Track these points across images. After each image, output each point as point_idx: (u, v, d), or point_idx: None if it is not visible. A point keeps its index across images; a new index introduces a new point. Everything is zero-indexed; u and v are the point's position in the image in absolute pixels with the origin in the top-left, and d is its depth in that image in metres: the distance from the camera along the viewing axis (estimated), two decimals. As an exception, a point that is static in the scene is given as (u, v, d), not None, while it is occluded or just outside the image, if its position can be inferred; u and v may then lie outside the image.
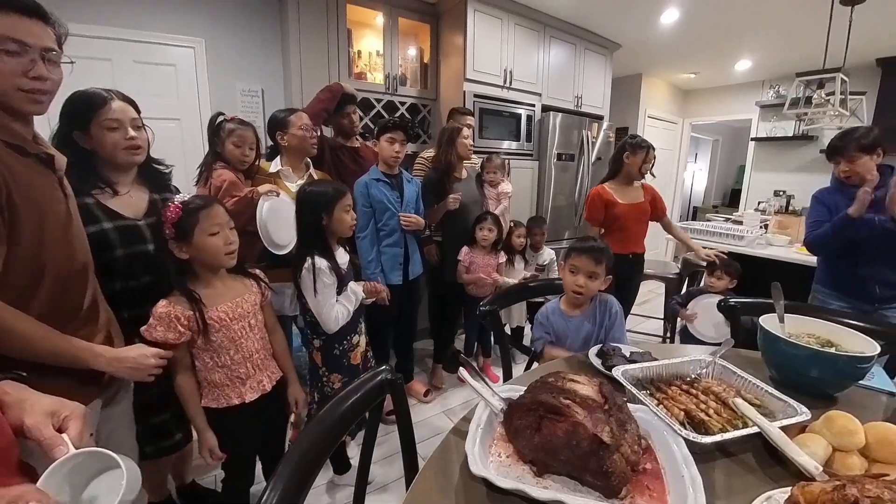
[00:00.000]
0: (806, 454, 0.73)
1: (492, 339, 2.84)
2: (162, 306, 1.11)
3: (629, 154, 2.43)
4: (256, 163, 1.91)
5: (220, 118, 1.80)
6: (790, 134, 4.86)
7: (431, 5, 3.27)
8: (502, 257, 2.52)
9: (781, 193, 5.03)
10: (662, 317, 3.27)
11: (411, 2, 3.18)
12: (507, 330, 2.99)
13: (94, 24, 2.45)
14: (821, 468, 0.69)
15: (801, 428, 0.84)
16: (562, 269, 1.49)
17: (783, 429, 0.82)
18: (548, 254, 2.74)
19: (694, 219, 7.84)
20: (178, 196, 1.17)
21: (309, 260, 1.46)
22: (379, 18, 3.15)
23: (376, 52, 3.26)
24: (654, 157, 2.48)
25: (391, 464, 1.92)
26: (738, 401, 0.86)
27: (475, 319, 2.60)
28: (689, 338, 2.32)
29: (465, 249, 2.47)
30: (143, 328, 1.10)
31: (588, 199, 2.54)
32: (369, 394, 0.86)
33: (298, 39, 2.80)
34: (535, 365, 1.52)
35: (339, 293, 1.55)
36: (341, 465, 1.85)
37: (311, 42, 2.84)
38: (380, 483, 1.83)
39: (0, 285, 0.80)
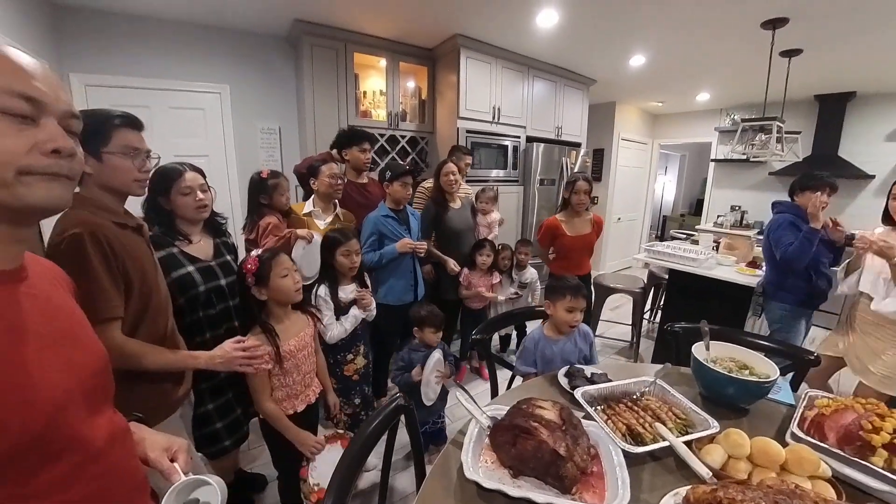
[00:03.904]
0: (707, 461, 0.94)
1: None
2: (251, 342, 1.27)
3: (565, 190, 2.64)
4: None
5: (259, 177, 2.05)
6: (744, 157, 5.11)
7: (429, 51, 3.45)
8: (496, 278, 2.73)
9: (737, 208, 5.28)
10: (630, 323, 3.48)
11: (411, 48, 3.36)
12: (496, 337, 3.20)
13: (136, 76, 2.62)
14: (710, 473, 0.89)
15: (711, 438, 1.04)
16: (553, 307, 1.63)
17: (699, 439, 1.03)
18: (531, 273, 2.92)
19: (663, 227, 8.07)
20: (253, 251, 1.37)
21: (315, 288, 1.75)
22: (382, 62, 3.32)
23: (380, 91, 3.44)
24: (585, 188, 2.56)
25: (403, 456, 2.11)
26: (657, 424, 1.06)
27: (469, 327, 2.80)
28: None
29: (465, 271, 2.69)
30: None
31: (542, 228, 2.73)
32: (387, 417, 1.06)
33: (312, 83, 2.97)
34: (518, 380, 1.72)
35: (342, 315, 1.77)
36: None
37: (323, 85, 3.01)
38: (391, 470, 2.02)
39: (124, 321, 1.05)
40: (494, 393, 1.74)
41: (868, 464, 0.92)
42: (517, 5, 2.59)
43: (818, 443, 1.00)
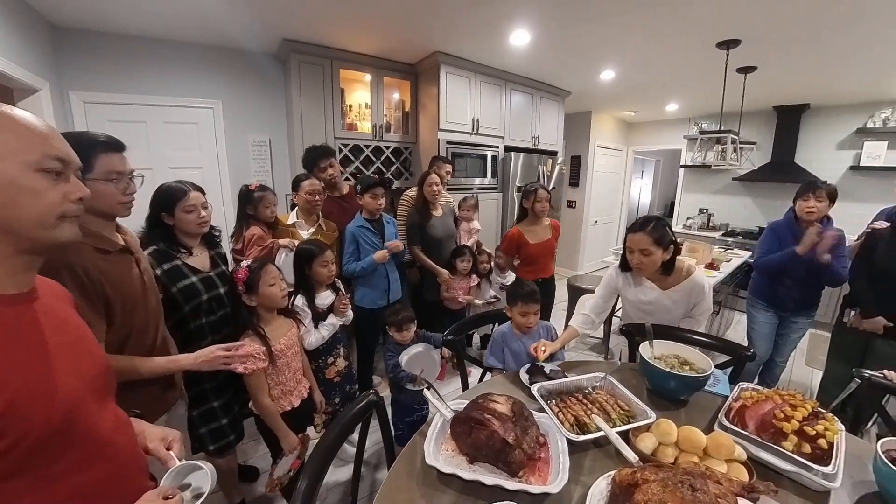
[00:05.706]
0: (641, 447, 1.03)
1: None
2: (245, 347, 1.33)
3: (525, 200, 2.70)
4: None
5: (247, 189, 2.11)
6: (709, 164, 5.26)
7: (411, 66, 3.52)
8: (474, 281, 2.81)
9: (704, 211, 5.43)
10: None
11: (394, 64, 3.42)
12: (477, 337, 3.28)
13: (133, 93, 2.66)
14: (637, 458, 0.98)
15: (648, 427, 1.13)
16: (511, 311, 1.73)
17: (637, 428, 1.12)
18: (511, 277, 3.00)
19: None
20: (243, 262, 1.44)
21: (293, 298, 1.78)
22: (367, 77, 3.37)
23: (365, 105, 3.49)
24: (546, 196, 2.64)
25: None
26: (594, 416, 1.14)
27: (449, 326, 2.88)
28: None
29: (446, 275, 2.74)
30: (237, 366, 1.32)
31: (506, 238, 2.80)
32: (359, 412, 1.13)
33: (300, 97, 3.02)
34: (489, 375, 1.81)
35: (320, 322, 1.82)
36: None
37: (311, 99, 3.06)
38: (372, 463, 2.09)
39: (108, 342, 1.06)
40: (465, 388, 1.82)
41: (780, 448, 1.01)
42: (491, 26, 2.66)
43: (739, 430, 1.09)
